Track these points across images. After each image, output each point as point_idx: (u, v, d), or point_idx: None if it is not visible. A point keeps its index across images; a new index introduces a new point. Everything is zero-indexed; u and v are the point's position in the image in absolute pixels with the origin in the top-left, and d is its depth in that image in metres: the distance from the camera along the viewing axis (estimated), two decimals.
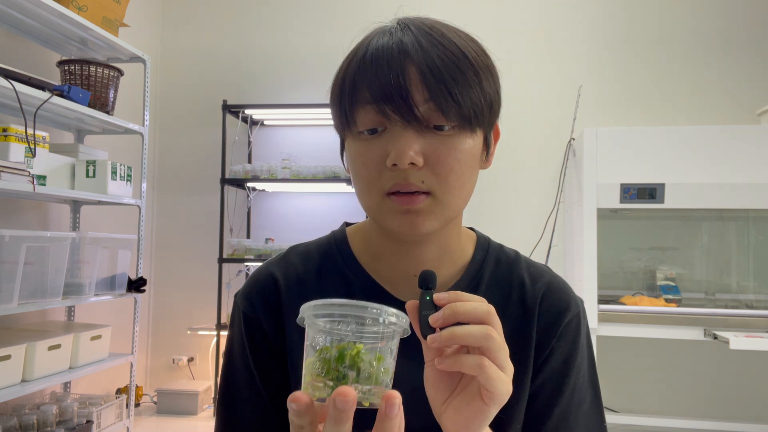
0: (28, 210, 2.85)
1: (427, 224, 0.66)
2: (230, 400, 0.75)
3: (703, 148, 2.88)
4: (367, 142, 0.66)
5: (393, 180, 0.64)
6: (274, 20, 3.93)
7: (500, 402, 0.54)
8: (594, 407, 0.75)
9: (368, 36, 0.69)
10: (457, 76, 0.63)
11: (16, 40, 2.76)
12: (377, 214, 0.68)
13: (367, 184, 0.66)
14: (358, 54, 0.66)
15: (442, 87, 0.62)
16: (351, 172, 0.70)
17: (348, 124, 0.66)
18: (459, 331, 0.53)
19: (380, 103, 0.63)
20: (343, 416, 0.46)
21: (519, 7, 3.69)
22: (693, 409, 3.29)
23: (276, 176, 3.51)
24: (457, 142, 0.65)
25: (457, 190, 0.66)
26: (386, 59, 0.63)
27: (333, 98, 0.69)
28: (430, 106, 0.63)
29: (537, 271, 0.77)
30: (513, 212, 3.59)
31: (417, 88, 0.62)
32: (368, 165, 0.65)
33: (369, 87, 0.64)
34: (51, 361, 2.37)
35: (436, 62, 0.63)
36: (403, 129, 0.63)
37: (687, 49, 3.53)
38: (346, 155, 0.71)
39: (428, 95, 0.62)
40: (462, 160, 0.65)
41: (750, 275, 3.30)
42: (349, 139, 0.68)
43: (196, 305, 3.85)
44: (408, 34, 0.65)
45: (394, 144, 0.63)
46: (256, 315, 0.74)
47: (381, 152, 0.64)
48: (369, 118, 0.64)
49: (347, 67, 0.67)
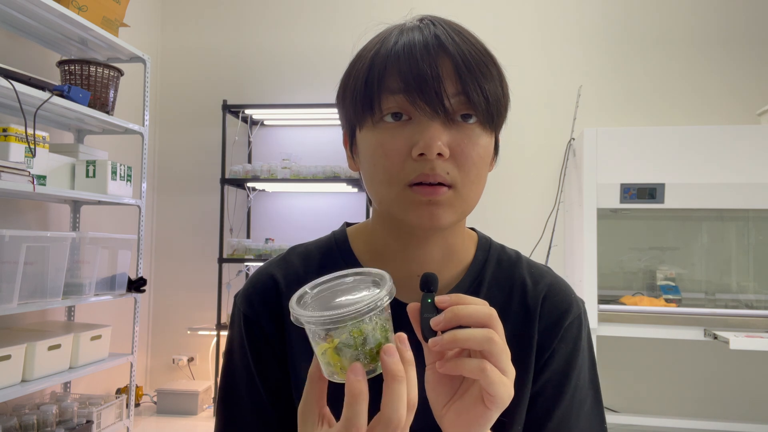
0: (28, 210, 2.84)
1: (446, 217, 0.66)
2: (230, 401, 0.75)
3: (703, 148, 2.88)
4: (389, 131, 0.65)
5: (418, 170, 0.63)
6: (274, 20, 3.93)
7: (502, 406, 0.54)
8: (595, 408, 0.75)
9: (389, 30, 0.69)
10: (485, 71, 0.65)
11: (16, 40, 2.76)
12: (395, 205, 0.66)
13: (387, 174, 0.65)
14: (387, 44, 0.66)
15: (474, 80, 0.63)
16: (367, 164, 0.68)
17: (372, 110, 0.66)
18: (461, 335, 0.53)
19: (411, 93, 0.63)
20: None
21: (519, 7, 3.69)
22: (693, 409, 3.29)
23: (276, 176, 3.51)
24: (478, 136, 0.66)
25: (476, 185, 0.67)
26: (420, 50, 0.64)
27: (354, 85, 0.68)
28: (460, 99, 0.63)
29: (538, 273, 0.77)
30: (513, 212, 3.59)
31: (450, 79, 0.63)
32: (391, 155, 0.65)
33: (400, 75, 0.64)
34: (51, 361, 2.37)
35: (468, 57, 0.64)
36: (431, 120, 0.63)
37: (687, 49, 3.53)
38: (361, 147, 0.69)
39: (460, 88, 0.63)
40: (482, 156, 0.66)
41: (750, 275, 3.30)
42: (367, 129, 0.67)
43: (196, 305, 3.85)
44: (440, 28, 0.66)
45: (422, 134, 0.63)
46: (256, 316, 0.74)
47: (406, 142, 0.64)
48: (396, 104, 0.64)
49: (374, 55, 0.67)
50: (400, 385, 0.49)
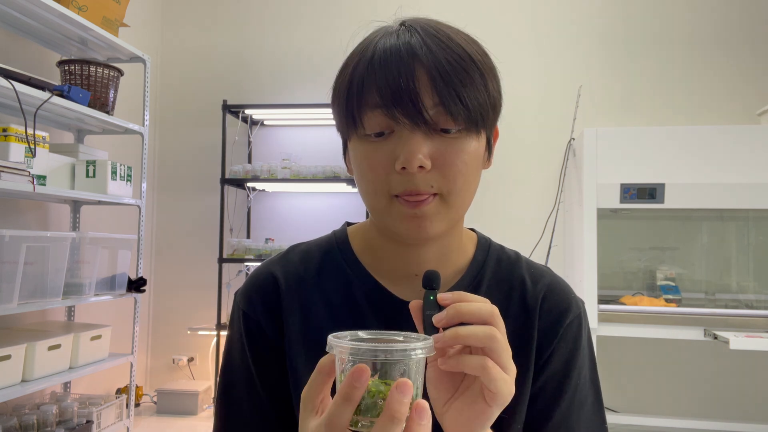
0: (28, 210, 2.84)
1: (434, 227, 0.66)
2: (229, 400, 0.75)
3: (703, 148, 2.88)
4: (373, 144, 0.65)
5: (402, 185, 0.64)
6: (274, 20, 3.93)
7: (503, 403, 0.54)
8: (595, 408, 0.75)
9: (372, 36, 0.68)
10: (464, 78, 0.63)
11: (16, 40, 2.76)
12: (384, 216, 0.67)
13: (373, 186, 0.66)
14: (365, 56, 0.66)
15: (451, 90, 0.62)
16: (356, 173, 0.69)
17: (354, 126, 0.66)
18: (462, 332, 0.53)
19: (389, 107, 0.62)
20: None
21: (519, 6, 3.69)
22: (693, 409, 3.29)
23: (276, 176, 3.51)
24: (463, 144, 0.65)
25: (464, 192, 0.66)
26: (395, 62, 0.63)
27: (338, 99, 0.68)
28: (439, 110, 0.63)
29: (538, 272, 0.77)
30: (513, 212, 3.59)
31: (426, 91, 0.62)
32: (375, 168, 0.65)
33: (378, 90, 0.63)
34: (51, 361, 2.37)
35: (445, 65, 0.63)
36: (411, 132, 0.63)
37: (687, 49, 3.53)
38: (351, 156, 0.70)
39: (438, 99, 0.62)
40: (468, 162, 0.65)
41: (750, 275, 3.30)
42: (354, 141, 0.68)
43: (196, 305, 3.85)
44: (415, 36, 0.65)
45: (403, 147, 0.63)
46: (256, 314, 0.74)
47: (388, 155, 0.64)
48: (377, 122, 0.64)
49: (353, 69, 0.66)
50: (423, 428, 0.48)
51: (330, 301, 0.74)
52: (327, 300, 0.74)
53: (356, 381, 0.46)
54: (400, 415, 0.46)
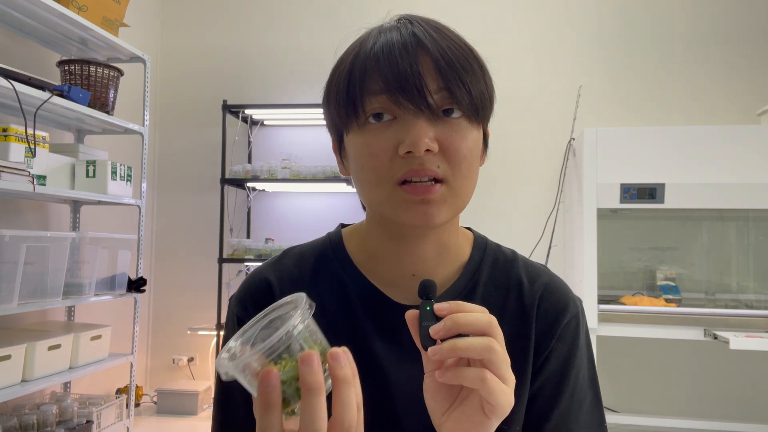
0: (28, 210, 2.84)
1: (441, 214, 0.65)
2: (226, 402, 0.75)
3: (703, 148, 2.88)
4: (375, 131, 0.65)
5: (406, 167, 0.63)
6: (274, 20, 3.93)
7: (502, 414, 0.53)
8: (594, 408, 0.75)
9: (368, 33, 0.69)
10: (467, 66, 0.64)
11: (16, 40, 2.76)
12: (387, 205, 0.66)
13: (376, 174, 0.65)
14: (365, 47, 0.66)
15: (455, 75, 0.63)
16: (355, 166, 0.68)
17: (356, 113, 0.66)
18: (461, 344, 0.52)
19: (394, 92, 0.63)
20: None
21: (519, 6, 3.69)
22: (693, 409, 3.29)
23: (276, 176, 3.51)
24: (466, 130, 0.65)
25: (468, 179, 0.66)
26: (399, 49, 0.64)
27: (336, 90, 0.68)
28: (443, 95, 0.63)
29: (535, 272, 0.77)
30: (513, 212, 3.59)
31: (431, 76, 0.63)
32: (378, 154, 0.64)
33: (381, 76, 0.63)
34: (51, 361, 2.37)
35: (449, 53, 0.64)
36: (415, 117, 0.63)
37: (687, 49, 3.52)
38: (349, 150, 0.69)
39: (442, 83, 0.63)
40: (471, 149, 0.66)
41: (750, 275, 3.30)
42: (353, 133, 0.67)
43: (196, 305, 3.85)
44: (417, 27, 0.66)
45: (408, 132, 0.63)
46: (249, 318, 0.74)
47: (392, 141, 0.64)
48: (379, 106, 0.64)
49: (353, 59, 0.67)
50: (349, 388, 0.48)
51: (324, 304, 0.73)
52: (321, 303, 0.73)
53: (268, 386, 0.46)
54: (316, 383, 0.46)
